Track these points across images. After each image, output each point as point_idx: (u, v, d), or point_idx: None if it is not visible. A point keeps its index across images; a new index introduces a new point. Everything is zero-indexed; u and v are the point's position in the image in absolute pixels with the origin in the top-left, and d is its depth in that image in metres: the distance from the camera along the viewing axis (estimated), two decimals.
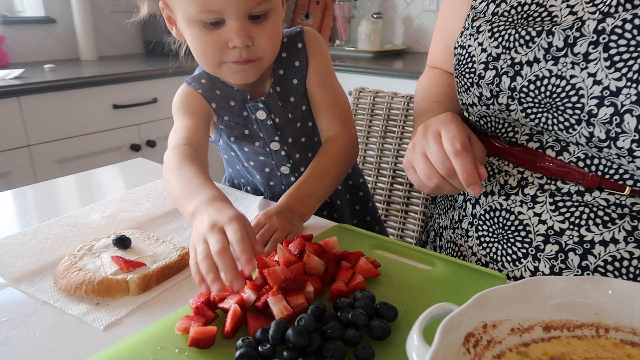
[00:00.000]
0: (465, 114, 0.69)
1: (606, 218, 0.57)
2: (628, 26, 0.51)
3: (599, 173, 0.57)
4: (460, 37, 0.66)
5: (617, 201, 0.57)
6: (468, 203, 0.69)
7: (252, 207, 0.79)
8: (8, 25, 2.13)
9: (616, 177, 0.56)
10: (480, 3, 0.66)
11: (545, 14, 0.58)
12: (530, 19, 0.59)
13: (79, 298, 0.56)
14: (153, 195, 0.83)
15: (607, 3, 0.53)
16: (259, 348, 0.43)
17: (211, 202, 0.57)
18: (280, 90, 0.82)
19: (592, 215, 0.58)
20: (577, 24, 0.54)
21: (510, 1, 0.62)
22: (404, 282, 0.57)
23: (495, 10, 0.63)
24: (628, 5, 0.52)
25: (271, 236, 0.67)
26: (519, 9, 0.61)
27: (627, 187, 0.56)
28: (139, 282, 0.57)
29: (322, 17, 2.72)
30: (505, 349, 0.38)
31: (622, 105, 0.51)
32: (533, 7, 0.59)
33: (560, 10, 0.57)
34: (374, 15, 2.49)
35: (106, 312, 0.54)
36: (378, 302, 0.49)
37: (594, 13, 0.54)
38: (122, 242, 0.64)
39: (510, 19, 0.61)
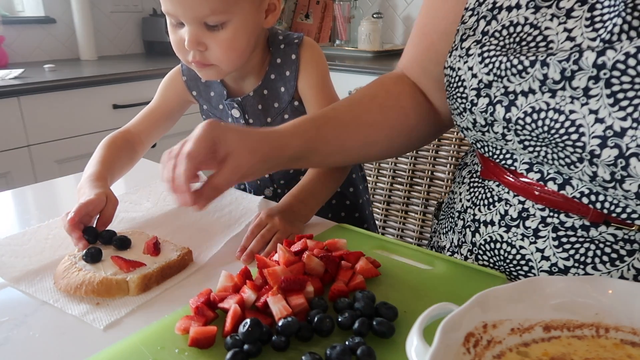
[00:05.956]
0: (462, 135, 0.66)
1: (614, 255, 0.53)
2: (631, 62, 0.45)
3: (605, 211, 0.52)
4: (450, 57, 0.61)
5: (626, 237, 0.52)
6: (467, 230, 0.65)
7: (252, 207, 0.79)
8: (8, 25, 2.13)
9: (623, 215, 0.51)
10: (470, 17, 0.59)
11: (540, 38, 0.52)
12: (524, 43, 0.53)
13: (79, 298, 0.56)
14: (153, 195, 0.83)
15: (608, 30, 0.47)
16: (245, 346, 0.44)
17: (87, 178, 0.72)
18: (267, 94, 0.84)
19: (598, 252, 0.53)
20: (575, 56, 0.48)
21: (501, 20, 0.56)
22: (404, 282, 0.56)
23: (486, 29, 0.57)
24: (632, 33, 0.46)
25: (272, 236, 0.67)
26: (512, 29, 0.55)
27: (636, 225, 0.51)
28: (139, 282, 0.57)
29: (322, 17, 2.72)
30: (506, 349, 0.38)
31: (628, 148, 0.46)
32: (527, 28, 0.53)
33: (557, 34, 0.51)
34: (374, 15, 2.49)
35: (106, 312, 0.54)
36: (378, 302, 0.49)
37: (594, 40, 0.48)
38: (122, 242, 0.64)
39: (502, 42, 0.55)
